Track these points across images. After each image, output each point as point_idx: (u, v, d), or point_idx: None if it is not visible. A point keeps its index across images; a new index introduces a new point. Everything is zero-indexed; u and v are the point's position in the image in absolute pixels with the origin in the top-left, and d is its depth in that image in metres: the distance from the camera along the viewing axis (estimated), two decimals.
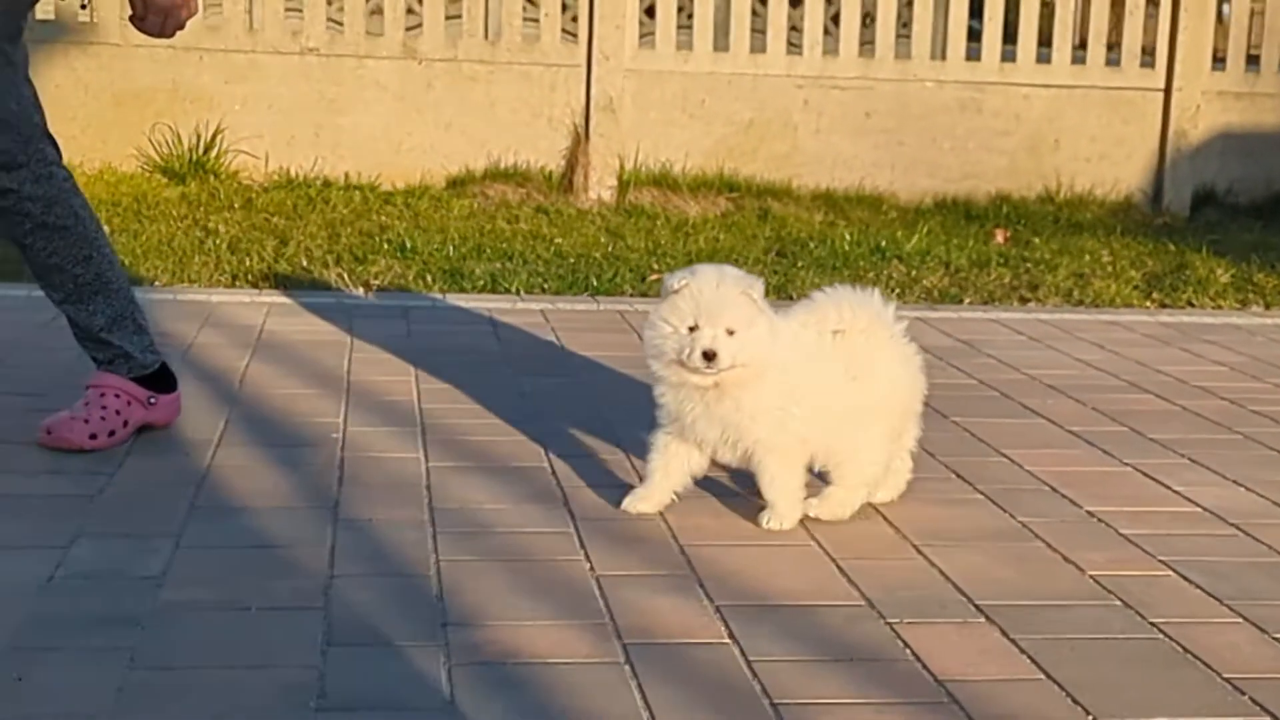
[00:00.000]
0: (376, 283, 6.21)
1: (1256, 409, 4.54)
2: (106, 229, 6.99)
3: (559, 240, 7.28)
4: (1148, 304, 6.49)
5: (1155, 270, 7.11)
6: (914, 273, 6.86)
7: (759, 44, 9.10)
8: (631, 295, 6.27)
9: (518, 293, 6.15)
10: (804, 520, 3.31)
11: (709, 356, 3.09)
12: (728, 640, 2.67)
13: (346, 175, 8.74)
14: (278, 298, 5.82)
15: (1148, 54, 9.30)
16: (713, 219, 8.21)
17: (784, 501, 3.27)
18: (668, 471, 3.33)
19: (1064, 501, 3.55)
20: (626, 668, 2.54)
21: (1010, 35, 9.34)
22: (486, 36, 9.11)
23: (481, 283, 6.30)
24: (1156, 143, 9.36)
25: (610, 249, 7.04)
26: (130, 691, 2.38)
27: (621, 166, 8.92)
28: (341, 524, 3.22)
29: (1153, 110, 9.36)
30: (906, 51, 9.22)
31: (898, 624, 2.77)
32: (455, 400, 4.31)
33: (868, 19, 9.18)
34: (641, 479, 3.41)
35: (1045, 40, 9.31)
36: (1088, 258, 7.39)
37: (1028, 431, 4.20)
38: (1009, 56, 9.34)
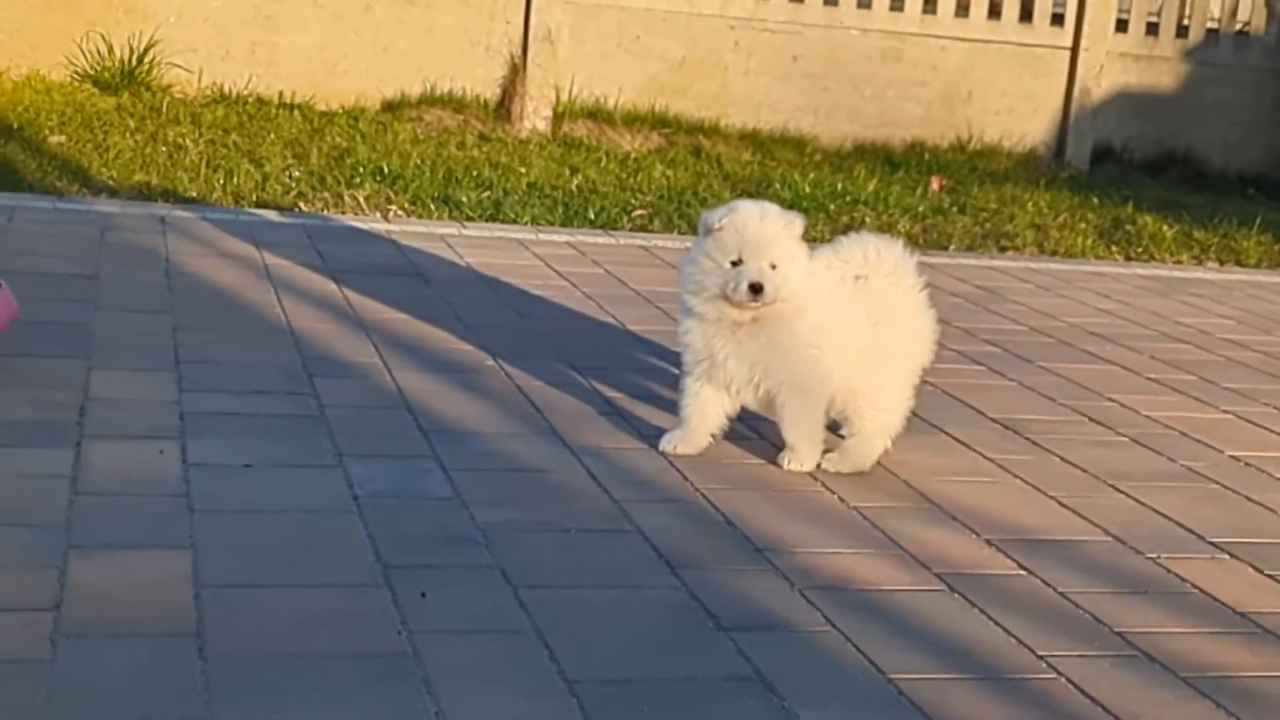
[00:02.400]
0: (398, 210, 6.21)
1: None
2: (62, 137, 6.88)
3: (521, 170, 7.33)
4: (1115, 255, 6.86)
5: (1097, 223, 7.49)
6: (887, 217, 7.11)
7: None
8: (631, 230, 6.39)
9: (530, 224, 6.21)
10: (992, 456, 3.52)
11: (755, 289, 3.15)
12: (1023, 572, 2.88)
13: (280, 94, 8.61)
14: (312, 220, 5.80)
15: (1058, 14, 9.69)
16: (648, 154, 8.34)
17: (805, 443, 3.32)
18: (703, 416, 3.37)
19: (1202, 446, 3.85)
20: (958, 596, 2.73)
21: None
22: None
23: (481, 212, 6.34)
24: (1062, 99, 9.78)
25: (578, 183, 7.12)
26: (536, 609, 2.49)
27: (557, 98, 8.97)
28: (580, 451, 3.32)
29: (1060, 68, 9.77)
30: None
31: (1157, 559, 3.01)
32: (614, 336, 4.42)
33: None
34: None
35: None
36: (1030, 207, 7.73)
37: (1112, 378, 4.50)
38: (930, 10, 9.63)
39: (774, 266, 3.16)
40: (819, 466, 3.36)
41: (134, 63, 8.38)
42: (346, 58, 8.78)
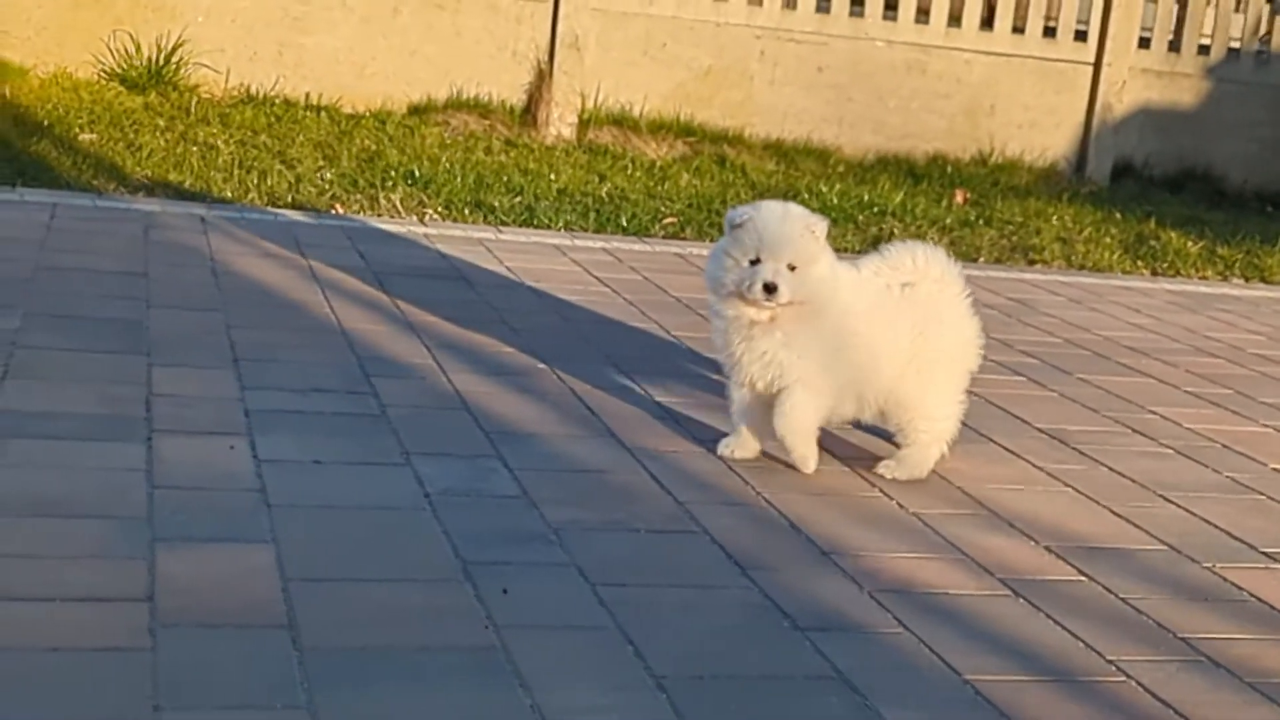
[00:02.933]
0: (433, 213, 6.26)
1: None
2: (93, 135, 6.92)
3: (550, 176, 7.38)
4: (1142, 271, 6.91)
5: (1121, 238, 7.54)
6: (915, 229, 7.16)
7: None
8: (664, 237, 6.44)
9: (563, 229, 6.26)
10: (1042, 465, 3.57)
11: (769, 289, 3.16)
12: (1083, 578, 2.93)
13: (307, 96, 8.65)
14: (350, 222, 5.85)
15: (1081, 30, 9.75)
16: (674, 162, 8.39)
17: (797, 444, 3.32)
18: (752, 419, 3.44)
19: (1244, 459, 3.90)
20: (1022, 601, 2.77)
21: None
22: None
23: (515, 217, 6.39)
24: (1084, 114, 9.83)
25: (609, 189, 7.17)
26: (616, 606, 2.53)
27: (583, 104, 9.02)
28: (639, 454, 3.37)
29: (1082, 83, 9.83)
30: (861, 10, 9.50)
31: (1213, 567, 3.06)
32: (658, 341, 4.47)
33: None
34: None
35: (990, 10, 9.68)
36: (1055, 221, 7.78)
37: (1150, 391, 4.54)
38: (955, 23, 9.68)
39: (793, 268, 3.18)
40: (875, 472, 3.38)
41: (161, 62, 8.42)
42: (374, 60, 8.83)
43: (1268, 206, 9.50)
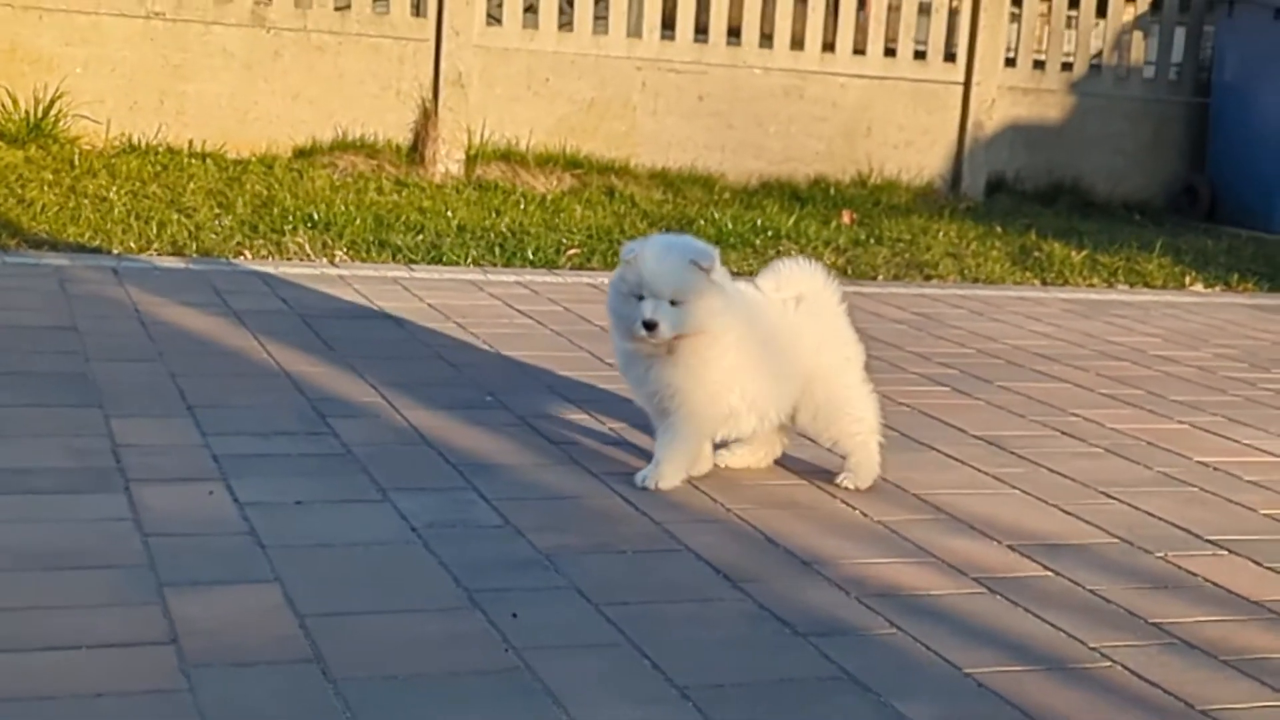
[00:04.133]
0: (342, 254, 6.29)
1: (1227, 374, 5.20)
2: None
3: (447, 213, 7.44)
4: (1033, 281, 7.15)
5: (1007, 250, 7.78)
6: (810, 250, 7.33)
7: (601, 26, 9.42)
8: (571, 268, 6.53)
9: (472, 264, 6.33)
10: (987, 470, 3.72)
11: (649, 326, 3.20)
12: (1049, 573, 3.07)
13: (191, 143, 8.62)
14: (263, 267, 5.86)
15: (951, 52, 10.05)
16: (563, 195, 8.48)
17: (670, 464, 3.39)
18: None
19: (1171, 454, 4.09)
20: (999, 597, 2.90)
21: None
22: (336, 7, 9.10)
23: (423, 255, 6.44)
24: (956, 132, 10.12)
25: (507, 223, 7.24)
26: (624, 623, 2.61)
27: (469, 141, 9.09)
28: (606, 479, 3.45)
29: (954, 102, 10.12)
30: (737, 39, 9.70)
31: (1165, 557, 3.22)
32: (595, 368, 4.54)
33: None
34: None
35: (862, 35, 9.93)
36: (941, 237, 8.01)
37: (1068, 395, 4.73)
38: (829, 49, 9.92)
39: (676, 303, 3.21)
40: (838, 484, 3.50)
41: (40, 115, 8.34)
42: (256, 105, 8.82)
43: (1135, 215, 9.86)
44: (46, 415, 3.61)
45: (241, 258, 6.11)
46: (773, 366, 3.41)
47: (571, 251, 6.99)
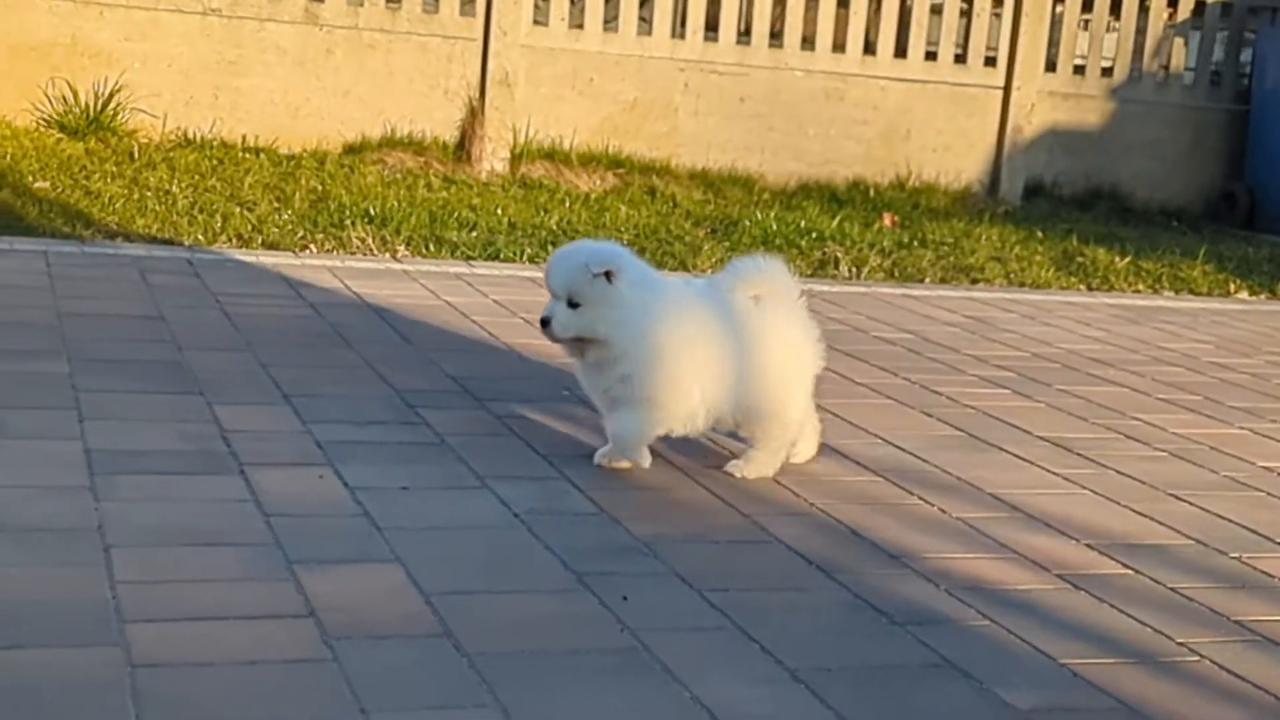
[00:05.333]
0: (403, 250, 6.41)
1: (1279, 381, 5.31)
2: (45, 183, 6.96)
3: (497, 211, 7.56)
4: (1078, 286, 7.25)
5: (1050, 255, 7.89)
6: (858, 251, 7.44)
7: (645, 27, 9.54)
8: None
9: (528, 261, 6.45)
10: (1057, 470, 3.83)
11: (543, 323, 3.34)
12: (1129, 571, 3.18)
13: (244, 138, 8.75)
14: (329, 261, 5.98)
15: (991, 56, 10.15)
16: (606, 194, 8.60)
17: (623, 447, 3.50)
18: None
19: (1234, 459, 4.20)
20: (1083, 593, 3.02)
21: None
22: (387, 5, 9.23)
23: (480, 252, 6.56)
24: (995, 136, 10.22)
25: (555, 221, 7.36)
26: (728, 609, 2.73)
27: (514, 139, 9.21)
28: (690, 473, 3.57)
29: (993, 107, 10.22)
30: (780, 41, 9.81)
31: (1240, 558, 3.33)
32: None
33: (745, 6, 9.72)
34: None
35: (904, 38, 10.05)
36: (983, 241, 8.12)
37: (1127, 399, 4.84)
38: (870, 52, 10.02)
39: (575, 305, 3.31)
40: (724, 471, 3.58)
41: (99, 108, 8.48)
42: (308, 101, 8.95)
43: (1173, 221, 9.95)
44: (153, 401, 3.74)
45: (307, 251, 6.24)
46: (721, 367, 3.43)
47: None
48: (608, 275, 3.30)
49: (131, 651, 2.33)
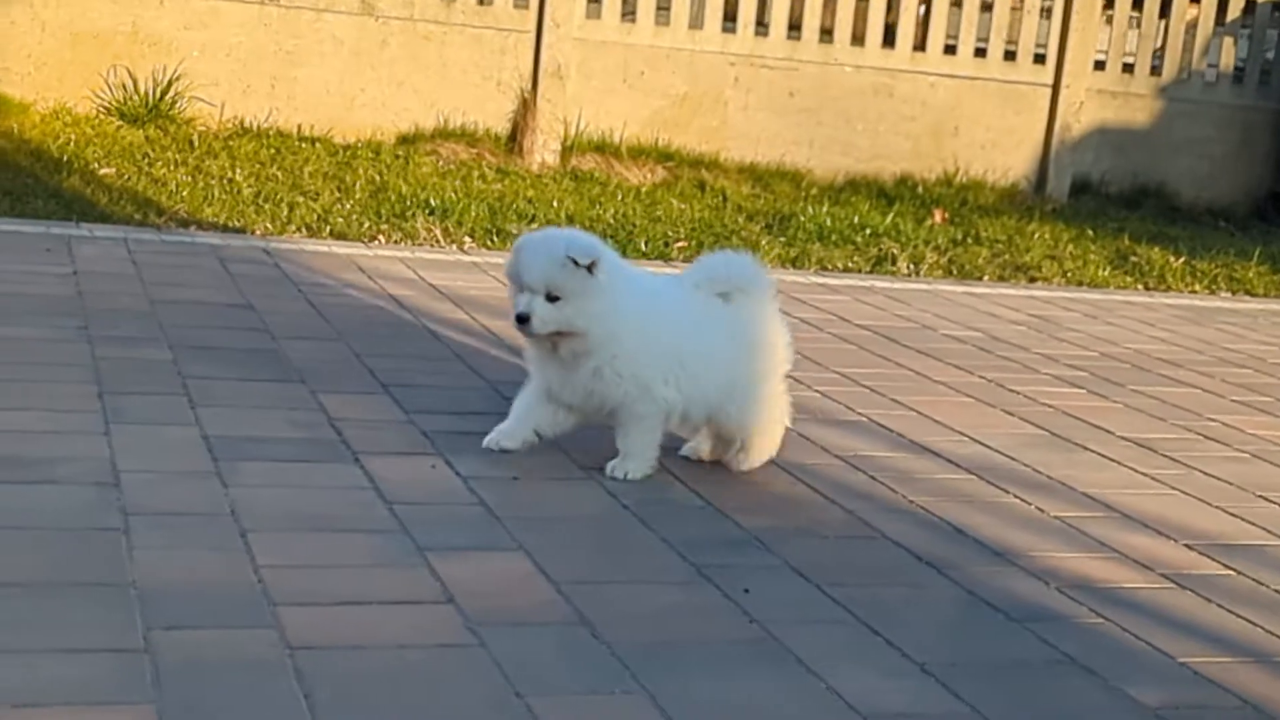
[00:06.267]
0: (469, 241, 6.47)
1: None
2: (110, 170, 7.03)
3: (552, 203, 7.61)
4: (1135, 286, 7.28)
5: (1104, 254, 7.92)
6: (914, 248, 7.48)
7: (696, 21, 9.57)
8: (684, 261, 6.70)
9: None
10: (1144, 470, 3.88)
11: (521, 319, 3.16)
12: (1231, 572, 3.24)
13: (299, 127, 8.81)
14: (398, 251, 6.04)
15: (1040, 53, 10.18)
16: (656, 187, 8.65)
17: (635, 457, 3.34)
18: (529, 416, 3.43)
19: None
20: (1189, 592, 3.07)
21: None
22: None
23: None
24: (1043, 134, 10.24)
25: (611, 214, 7.41)
26: (847, 603, 2.79)
27: (565, 131, 9.26)
28: (788, 468, 3.62)
29: (1041, 104, 10.24)
30: (830, 37, 9.84)
31: None
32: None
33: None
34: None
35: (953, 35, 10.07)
36: (1036, 239, 8.15)
37: (1201, 400, 4.88)
38: (920, 48, 10.05)
39: (554, 298, 3.16)
40: (722, 460, 3.52)
41: (158, 96, 8.54)
42: (363, 92, 9.01)
43: (1219, 221, 9.96)
44: (258, 389, 3.80)
45: (376, 242, 6.30)
46: (694, 367, 3.35)
47: (679, 244, 7.15)
48: (589, 266, 3.18)
49: (287, 634, 2.39)
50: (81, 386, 3.63)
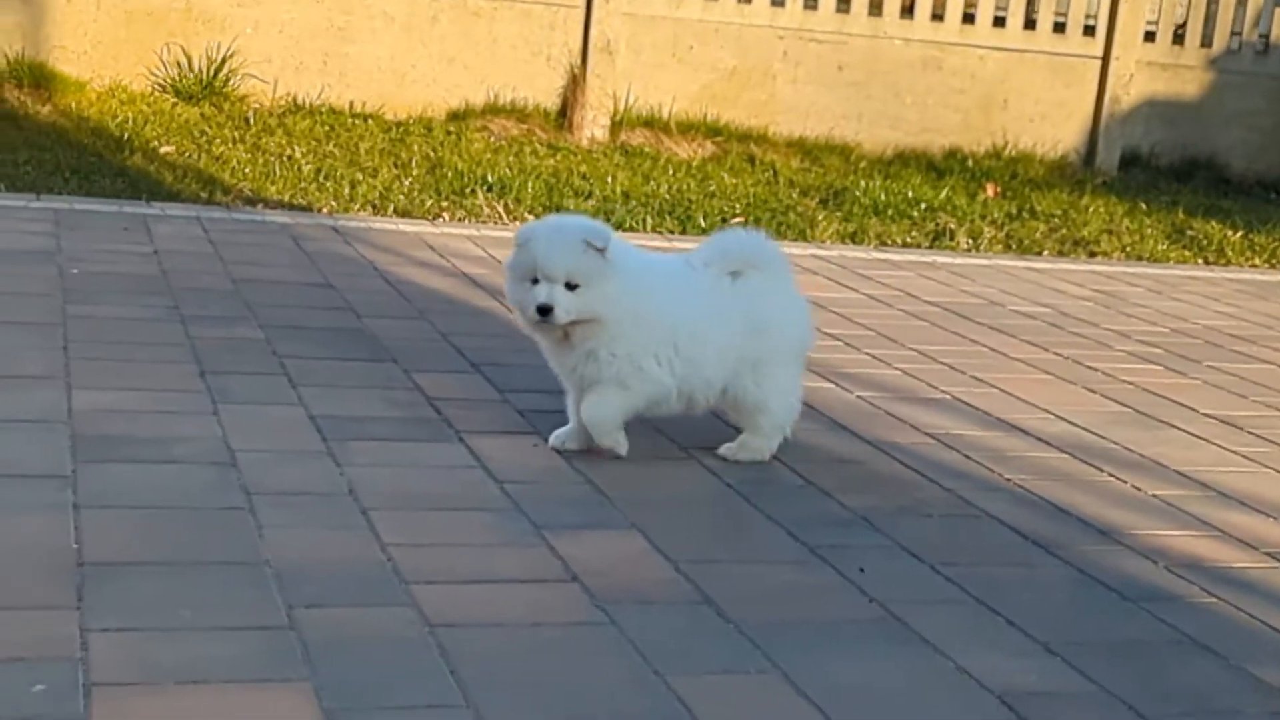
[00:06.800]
0: (531, 218, 6.48)
1: None
2: (170, 148, 7.06)
3: (609, 180, 7.61)
4: (1195, 260, 7.27)
5: (1160, 228, 7.89)
6: (970, 222, 7.47)
7: None
8: None
9: (652, 231, 6.51)
10: (1233, 448, 3.90)
11: (543, 311, 3.09)
12: None
13: (351, 104, 8.82)
14: (464, 229, 6.07)
15: (1089, 25, 10.13)
16: (705, 161, 8.65)
17: (596, 429, 3.25)
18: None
19: None
20: (1278, 568, 3.08)
21: None
22: None
23: (603, 220, 6.61)
24: (1092, 106, 10.20)
25: (666, 190, 7.41)
26: (962, 582, 2.81)
27: (614, 106, 9.25)
28: (881, 445, 3.64)
29: (1091, 76, 10.19)
30: (879, 10, 9.81)
31: None
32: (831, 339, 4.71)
33: None
34: None
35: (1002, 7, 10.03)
36: (1091, 212, 8.13)
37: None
38: (969, 20, 10.01)
39: (572, 286, 3.09)
40: (717, 454, 3.41)
41: (212, 74, 8.57)
42: (414, 68, 9.01)
43: (1271, 194, 9.91)
44: (353, 368, 3.83)
45: (440, 219, 6.32)
46: (697, 349, 3.27)
47: (736, 220, 7.15)
48: (602, 250, 3.11)
49: (424, 611, 2.42)
50: (182, 366, 3.66)
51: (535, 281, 3.09)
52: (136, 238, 5.09)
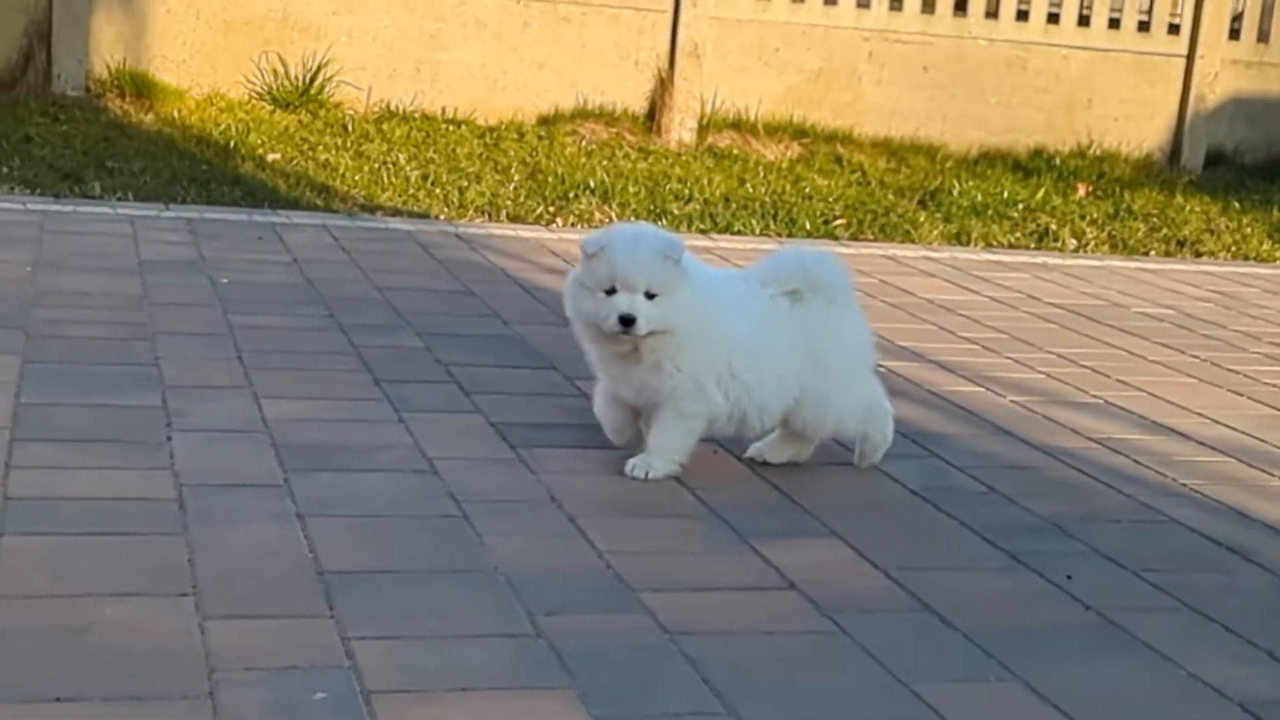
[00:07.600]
0: (634, 220, 6.51)
1: None
2: (277, 155, 7.12)
3: (705, 182, 7.63)
4: None
5: (1263, 228, 7.85)
6: (1070, 223, 7.46)
7: None
8: (850, 240, 6.71)
9: (760, 235, 6.53)
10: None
11: (626, 322, 2.99)
12: None
13: (443, 110, 8.87)
14: (580, 234, 6.08)
15: (1174, 24, 10.09)
16: (793, 163, 8.65)
17: (661, 456, 3.16)
18: (615, 417, 3.26)
19: None
20: None
21: None
22: None
23: (712, 225, 6.65)
24: (1177, 105, 10.15)
25: (764, 193, 7.42)
26: (1168, 588, 2.81)
27: (701, 110, 9.28)
28: (1050, 451, 3.64)
29: (1175, 75, 10.15)
30: (964, 10, 9.80)
31: None
32: (960, 345, 4.71)
33: None
34: None
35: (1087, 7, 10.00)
36: (1188, 211, 8.09)
37: None
38: (1054, 20, 9.99)
39: (651, 296, 3.02)
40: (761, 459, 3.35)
41: (308, 81, 8.63)
42: (505, 74, 9.05)
43: None
44: (517, 375, 3.87)
45: (554, 224, 6.35)
46: (756, 368, 3.18)
47: (839, 222, 7.16)
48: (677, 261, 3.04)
49: (659, 619, 2.45)
50: (356, 375, 3.71)
51: (609, 292, 3.02)
52: (272, 246, 5.14)
